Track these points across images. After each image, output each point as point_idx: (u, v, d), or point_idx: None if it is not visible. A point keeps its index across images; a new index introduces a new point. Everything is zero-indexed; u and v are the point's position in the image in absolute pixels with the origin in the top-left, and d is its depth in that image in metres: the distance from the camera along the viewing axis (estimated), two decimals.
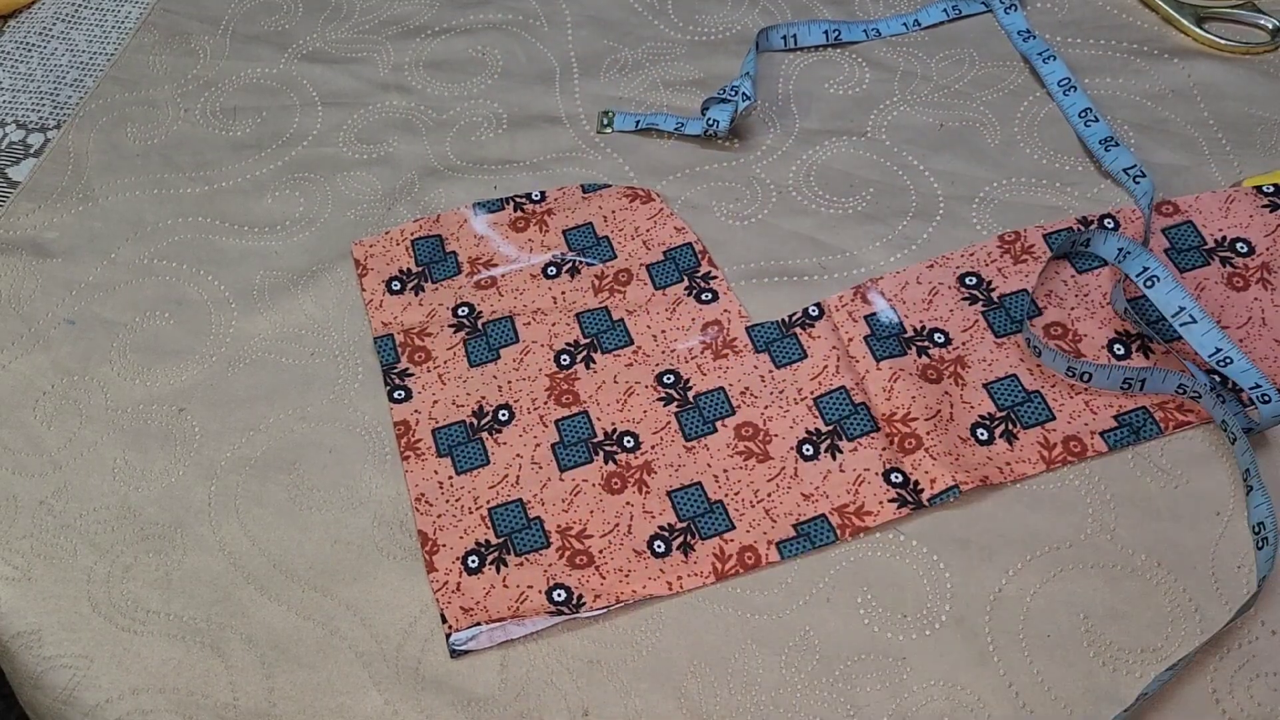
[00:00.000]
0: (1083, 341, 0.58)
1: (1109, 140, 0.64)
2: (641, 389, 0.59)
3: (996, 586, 0.52)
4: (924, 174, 0.65)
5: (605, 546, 0.55)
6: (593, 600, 0.53)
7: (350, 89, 0.74)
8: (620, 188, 0.67)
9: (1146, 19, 0.71)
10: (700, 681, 0.51)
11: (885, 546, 0.54)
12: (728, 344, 0.60)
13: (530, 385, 0.60)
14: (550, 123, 0.71)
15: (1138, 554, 0.52)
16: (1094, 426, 0.56)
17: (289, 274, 0.65)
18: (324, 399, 0.61)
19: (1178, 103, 0.67)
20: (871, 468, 0.56)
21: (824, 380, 0.59)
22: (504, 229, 0.66)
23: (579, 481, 0.57)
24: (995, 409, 0.57)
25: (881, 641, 0.51)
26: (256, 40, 0.77)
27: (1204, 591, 0.51)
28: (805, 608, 0.53)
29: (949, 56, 0.71)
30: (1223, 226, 0.61)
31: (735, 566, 0.54)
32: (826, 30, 0.72)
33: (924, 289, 0.61)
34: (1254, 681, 0.49)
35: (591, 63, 0.73)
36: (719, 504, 0.56)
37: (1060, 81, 0.68)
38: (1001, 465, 0.55)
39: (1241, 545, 0.52)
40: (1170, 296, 0.57)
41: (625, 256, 0.64)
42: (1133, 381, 0.56)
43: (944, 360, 0.58)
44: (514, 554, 0.55)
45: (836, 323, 0.60)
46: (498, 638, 0.53)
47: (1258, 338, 0.57)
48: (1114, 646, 0.50)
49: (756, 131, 0.69)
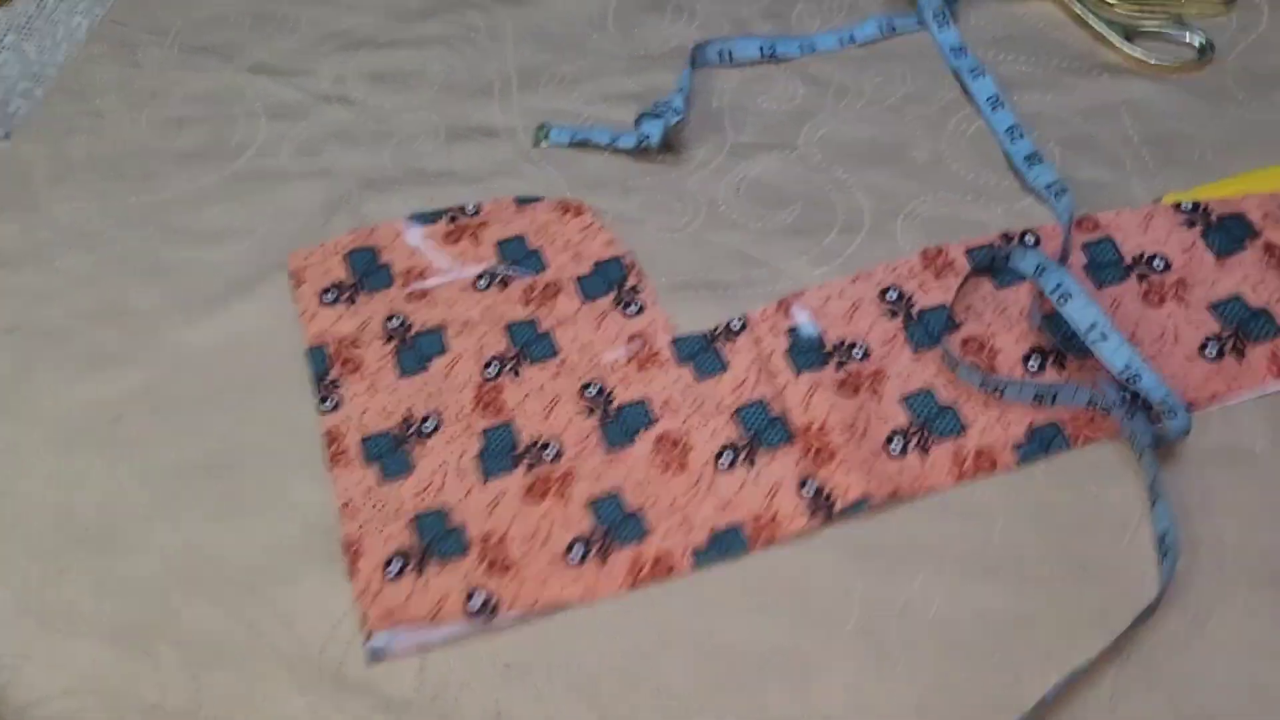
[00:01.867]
0: (998, 356, 0.59)
1: (1033, 156, 0.66)
2: (566, 400, 0.60)
3: (904, 595, 0.53)
4: (852, 189, 0.67)
5: (524, 553, 0.56)
6: (509, 606, 0.54)
7: (294, 101, 0.75)
8: (553, 201, 0.68)
9: (1077, 36, 0.72)
10: (612, 686, 0.52)
11: (797, 555, 0.55)
12: (652, 356, 0.61)
13: (458, 395, 0.61)
14: (488, 135, 0.72)
15: (1043, 564, 0.53)
16: (1006, 440, 0.57)
17: (229, 284, 0.66)
18: (260, 407, 0.62)
19: (1104, 119, 0.68)
20: (786, 478, 0.57)
21: (744, 392, 0.60)
22: (438, 241, 0.67)
23: (500, 490, 0.58)
24: (910, 422, 0.58)
25: (789, 648, 0.52)
26: (204, 52, 0.78)
27: (1104, 601, 0.52)
28: (715, 614, 0.54)
29: (882, 72, 0.72)
30: (1141, 243, 0.62)
31: (650, 574, 0.55)
32: (761, 46, 0.73)
33: (846, 303, 0.62)
34: (1151, 690, 0.50)
35: (531, 76, 0.74)
36: (636, 513, 0.57)
37: (989, 98, 0.69)
38: (913, 477, 0.56)
39: (1146, 556, 0.53)
40: (1083, 313, 0.58)
41: (556, 269, 0.65)
42: (1044, 396, 0.57)
43: (862, 374, 0.59)
44: (435, 560, 0.56)
45: (759, 335, 0.61)
46: (415, 642, 0.54)
47: (1169, 354, 0.58)
48: (1017, 655, 0.51)
49: (690, 145, 0.70)
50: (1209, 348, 0.58)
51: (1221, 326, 0.59)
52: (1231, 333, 0.58)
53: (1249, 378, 0.57)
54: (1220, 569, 0.52)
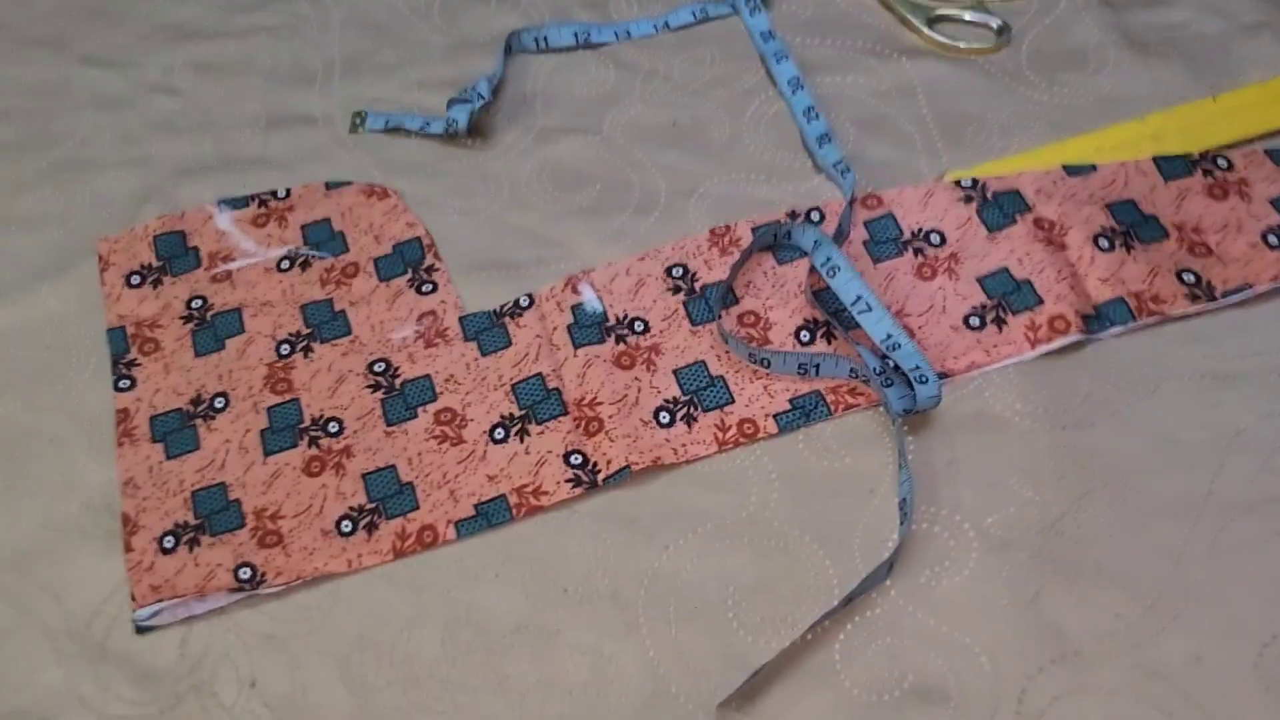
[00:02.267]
0: (772, 329, 0.61)
1: (824, 137, 0.67)
2: (353, 377, 0.62)
3: (655, 562, 0.54)
4: (650, 170, 0.68)
5: (295, 527, 0.57)
6: (274, 577, 0.55)
7: (120, 92, 0.76)
8: (360, 185, 0.69)
9: (883, 20, 0.73)
10: (363, 655, 0.53)
11: (558, 525, 0.56)
12: (440, 333, 0.63)
13: (249, 374, 0.62)
14: (305, 123, 0.73)
15: (791, 530, 0.55)
16: (769, 409, 0.58)
17: (34, 270, 0.67)
18: (52, 390, 0.63)
19: (899, 100, 0.69)
20: (554, 450, 0.58)
21: (523, 367, 0.61)
22: (245, 225, 0.68)
23: (280, 465, 0.59)
24: (680, 393, 0.59)
25: (539, 615, 0.54)
26: (36, 44, 0.79)
27: (845, 565, 0.53)
28: (473, 584, 0.55)
29: (691, 57, 0.73)
30: (920, 219, 0.63)
31: (414, 545, 0.56)
32: (576, 32, 0.74)
33: (632, 280, 0.63)
34: (874, 648, 0.51)
35: (352, 64, 0.75)
36: (409, 485, 0.58)
37: (789, 80, 0.70)
38: (677, 446, 0.57)
39: (889, 522, 0.54)
40: (849, 285, 0.60)
41: (356, 250, 0.67)
42: (808, 366, 0.58)
43: (639, 347, 0.61)
44: (209, 534, 0.57)
45: (544, 312, 0.63)
46: (180, 614, 0.55)
47: (935, 324, 0.60)
48: (755, 617, 0.53)
49: (499, 130, 0.71)
50: (973, 319, 0.59)
51: (987, 298, 0.60)
52: (995, 304, 0.60)
53: (1007, 347, 0.58)
54: (956, 534, 0.53)
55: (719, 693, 0.51)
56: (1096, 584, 0.51)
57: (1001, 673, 0.50)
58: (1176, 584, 0.51)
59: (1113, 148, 0.64)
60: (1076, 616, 0.51)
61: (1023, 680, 0.50)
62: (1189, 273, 0.59)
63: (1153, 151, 0.64)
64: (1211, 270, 0.59)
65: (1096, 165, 0.64)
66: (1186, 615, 0.50)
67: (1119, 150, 0.64)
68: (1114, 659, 0.50)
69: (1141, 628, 0.50)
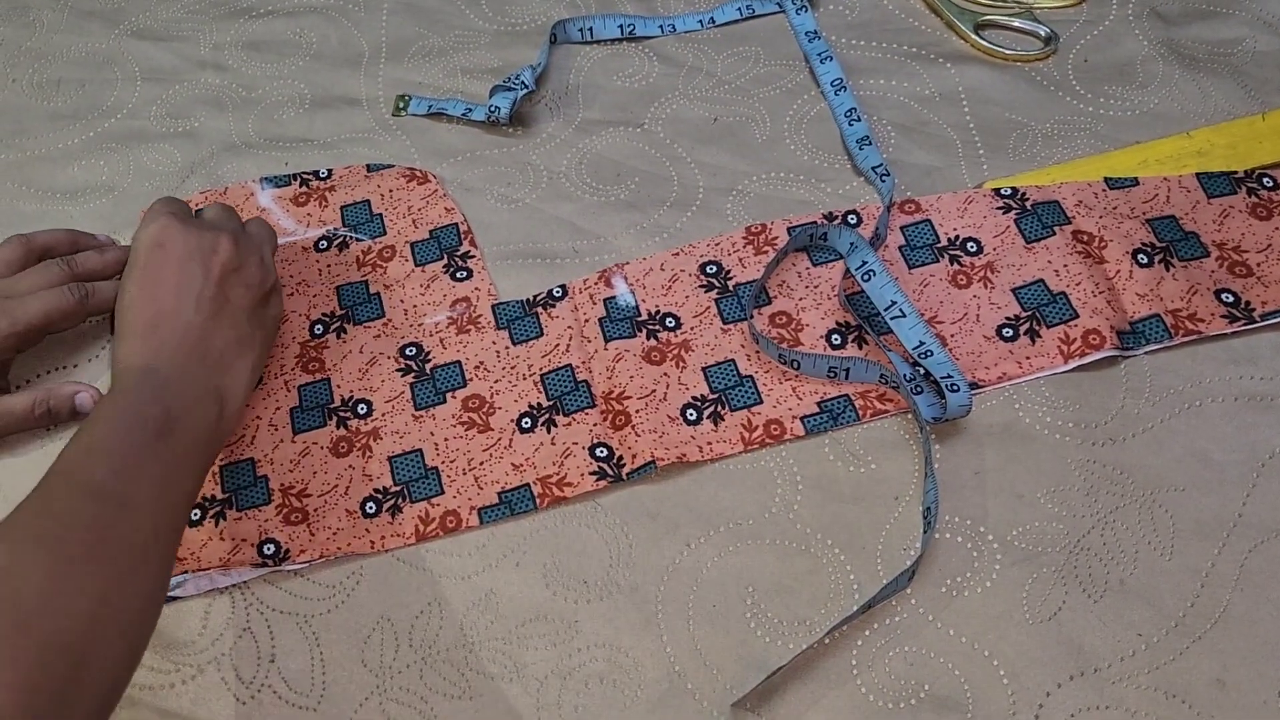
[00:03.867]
0: (804, 330, 0.60)
1: (865, 140, 0.67)
2: (384, 359, 0.62)
3: (676, 558, 0.54)
4: (689, 165, 0.68)
5: (320, 506, 0.57)
6: (298, 554, 0.56)
7: (170, 66, 0.77)
8: (401, 168, 0.70)
9: (930, 24, 0.73)
10: (382, 636, 0.54)
11: (581, 517, 0.56)
12: (472, 320, 0.63)
13: (282, 352, 0.63)
14: (350, 104, 0.73)
15: (814, 533, 0.55)
16: (797, 411, 0.58)
17: None
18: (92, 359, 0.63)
19: (943, 106, 0.69)
20: (580, 442, 0.58)
21: (554, 358, 0.61)
22: (286, 203, 0.69)
23: (309, 444, 0.60)
24: (708, 391, 0.59)
25: (558, 605, 0.54)
26: (91, 16, 0.80)
27: (867, 571, 0.53)
28: (494, 571, 0.55)
29: (736, 54, 0.73)
30: (958, 226, 0.63)
31: (437, 529, 0.56)
32: (622, 24, 0.74)
33: (666, 275, 0.63)
34: (892, 656, 0.51)
35: (399, 48, 0.76)
36: (434, 470, 0.58)
37: (833, 81, 0.70)
38: (703, 444, 0.57)
39: (913, 529, 0.54)
40: (883, 291, 0.60)
41: (394, 234, 0.67)
42: (838, 370, 0.58)
43: (670, 343, 0.61)
44: (235, 509, 0.58)
45: (577, 304, 0.63)
46: (204, 586, 0.56)
47: (968, 333, 0.59)
48: (774, 619, 0.53)
49: (540, 120, 0.71)
50: (1006, 329, 0.59)
51: (1022, 309, 0.59)
52: (1030, 315, 0.59)
53: (1040, 359, 0.58)
54: (980, 545, 0.53)
55: (734, 692, 0.51)
56: (1120, 601, 0.51)
57: (1019, 686, 0.50)
58: (1202, 605, 0.51)
59: (1157, 162, 0.64)
60: (1098, 633, 0.50)
61: (1040, 695, 0.49)
62: (1228, 293, 0.59)
63: (1197, 168, 0.63)
64: (1251, 291, 0.59)
65: (1138, 179, 0.63)
66: (1211, 637, 0.50)
67: (1163, 165, 0.63)
68: (1135, 678, 0.49)
69: (1164, 648, 0.50)
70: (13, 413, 0.58)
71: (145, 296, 0.54)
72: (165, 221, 0.56)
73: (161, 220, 0.56)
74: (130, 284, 0.55)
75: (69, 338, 0.63)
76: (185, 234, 0.55)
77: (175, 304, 0.54)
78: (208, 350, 0.54)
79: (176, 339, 0.53)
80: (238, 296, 0.56)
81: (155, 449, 0.48)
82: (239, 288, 0.56)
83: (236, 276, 0.56)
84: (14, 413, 0.58)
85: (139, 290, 0.54)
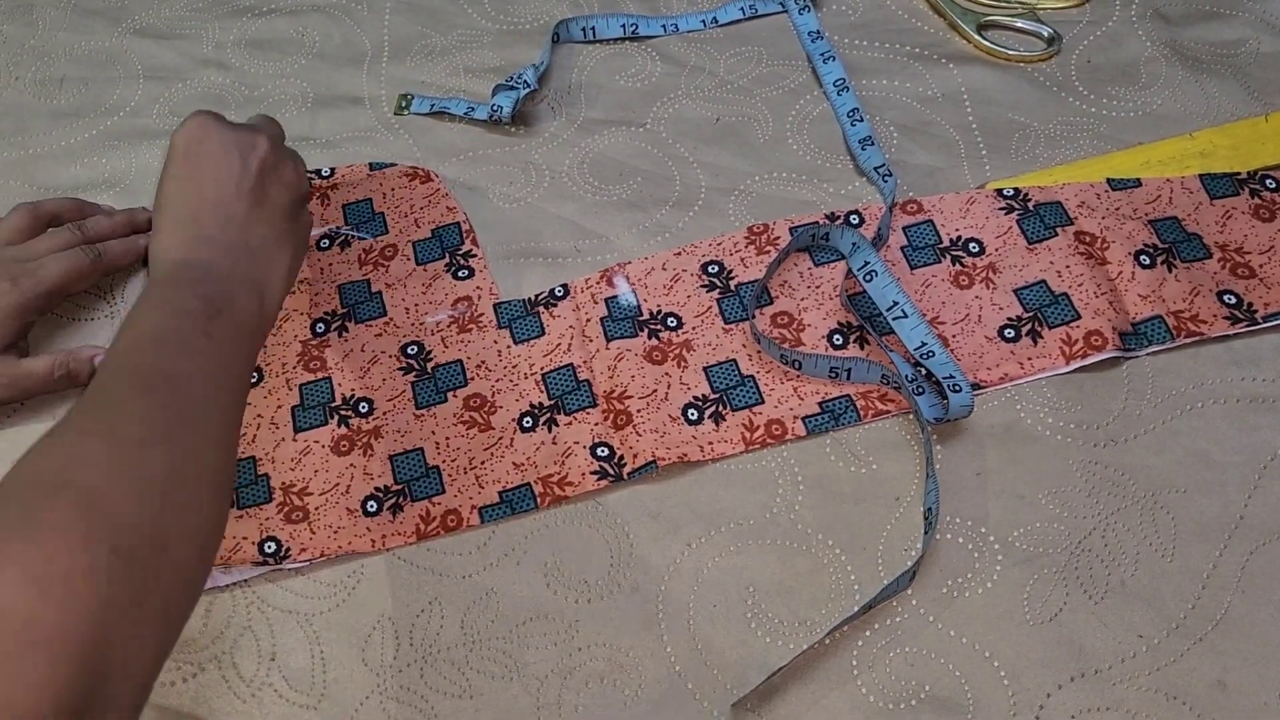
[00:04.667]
0: (805, 331, 0.60)
1: (867, 140, 0.67)
2: (385, 358, 0.62)
3: (677, 558, 0.54)
4: (692, 165, 0.68)
5: (321, 504, 0.57)
6: (299, 553, 0.56)
7: (173, 64, 0.77)
8: (403, 167, 0.70)
9: (933, 24, 0.73)
10: (383, 634, 0.54)
11: (582, 516, 0.56)
12: (474, 319, 0.63)
13: (283, 350, 0.63)
14: (352, 103, 0.73)
15: (815, 533, 0.54)
16: (798, 411, 0.58)
17: None
18: None
19: (945, 106, 0.68)
20: (581, 441, 0.58)
21: (555, 357, 0.61)
22: None
23: (310, 443, 0.60)
24: (710, 391, 0.59)
25: (559, 605, 0.54)
26: (94, 14, 0.80)
27: (868, 571, 0.53)
28: (495, 570, 0.55)
29: (738, 54, 0.73)
30: (960, 227, 0.63)
31: (438, 528, 0.56)
32: (624, 24, 0.74)
33: (668, 275, 0.63)
34: (893, 656, 0.51)
35: (401, 47, 0.76)
36: (435, 469, 0.58)
37: (835, 81, 0.70)
38: (704, 444, 0.57)
39: (913, 530, 0.54)
40: (885, 291, 0.59)
41: (396, 233, 0.67)
42: (839, 370, 0.58)
43: (672, 343, 0.61)
44: (236, 507, 0.58)
45: (579, 303, 0.63)
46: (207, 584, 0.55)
47: (970, 334, 0.59)
48: (774, 619, 0.53)
49: (543, 119, 0.71)
50: (1008, 330, 0.59)
51: (1024, 309, 0.59)
52: (1032, 316, 0.59)
53: (1042, 360, 0.58)
54: (981, 546, 0.53)
55: (735, 692, 0.51)
56: (1121, 603, 0.51)
57: (1020, 687, 0.49)
58: (1203, 607, 0.51)
59: (1159, 163, 0.64)
60: (1099, 635, 0.50)
61: (1041, 696, 0.49)
62: (1230, 294, 0.59)
63: (1200, 169, 0.63)
64: (1253, 292, 0.59)
65: (1141, 180, 0.63)
66: (1212, 639, 0.50)
67: (1165, 166, 0.63)
68: (1135, 679, 0.49)
69: (1165, 649, 0.50)
70: (33, 375, 0.59)
71: (185, 189, 0.54)
72: (202, 119, 0.55)
73: (199, 118, 0.55)
74: (168, 179, 0.54)
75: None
76: (223, 130, 0.55)
77: (216, 194, 0.53)
78: (248, 240, 0.53)
79: (218, 229, 0.53)
80: (276, 194, 0.56)
81: (203, 333, 0.47)
82: (277, 185, 0.56)
83: (275, 174, 0.56)
84: (34, 375, 0.59)
85: (178, 184, 0.54)
